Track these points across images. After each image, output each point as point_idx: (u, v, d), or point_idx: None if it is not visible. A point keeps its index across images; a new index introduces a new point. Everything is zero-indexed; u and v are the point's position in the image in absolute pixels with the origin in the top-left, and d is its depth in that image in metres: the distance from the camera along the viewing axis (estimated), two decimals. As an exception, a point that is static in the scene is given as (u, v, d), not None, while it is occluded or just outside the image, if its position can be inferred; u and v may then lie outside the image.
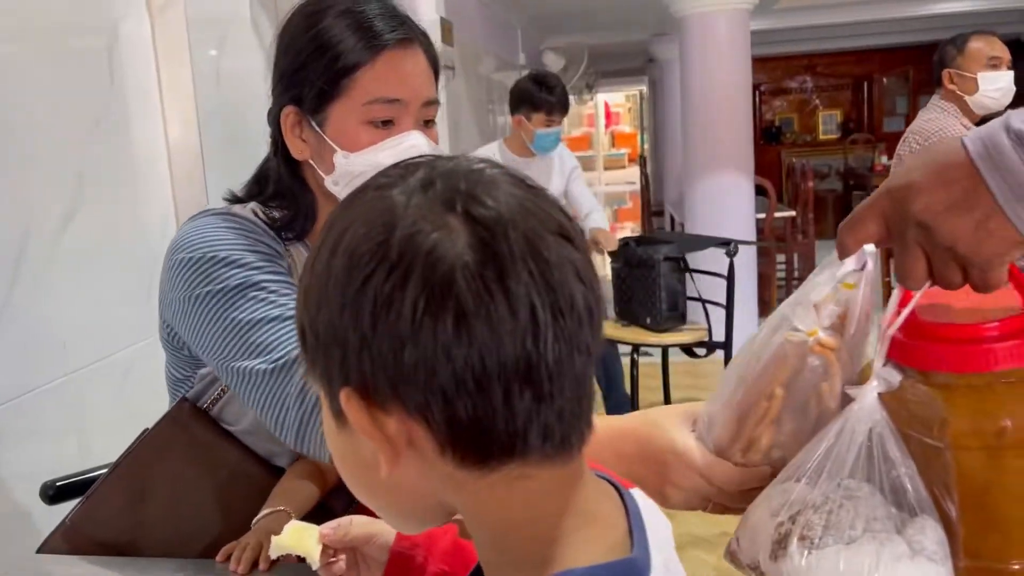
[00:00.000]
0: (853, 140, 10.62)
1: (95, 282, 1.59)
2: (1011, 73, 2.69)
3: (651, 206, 7.98)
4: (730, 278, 3.01)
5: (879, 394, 0.70)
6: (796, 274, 6.19)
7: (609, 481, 0.56)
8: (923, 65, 11.45)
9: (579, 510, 0.49)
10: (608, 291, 3.37)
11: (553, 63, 6.50)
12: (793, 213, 6.02)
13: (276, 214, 1.08)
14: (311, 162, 1.05)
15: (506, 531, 0.49)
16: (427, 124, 1.07)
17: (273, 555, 0.80)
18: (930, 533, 0.68)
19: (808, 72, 11.73)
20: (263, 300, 0.95)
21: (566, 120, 3.52)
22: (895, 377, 0.69)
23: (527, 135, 3.32)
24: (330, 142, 1.02)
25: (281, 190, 1.08)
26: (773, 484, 0.73)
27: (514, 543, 0.49)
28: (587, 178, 4.29)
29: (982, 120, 2.81)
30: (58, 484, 1.25)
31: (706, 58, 4.90)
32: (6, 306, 1.37)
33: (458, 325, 0.42)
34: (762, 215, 5.49)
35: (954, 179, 0.58)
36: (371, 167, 1.00)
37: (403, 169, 0.48)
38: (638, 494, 0.57)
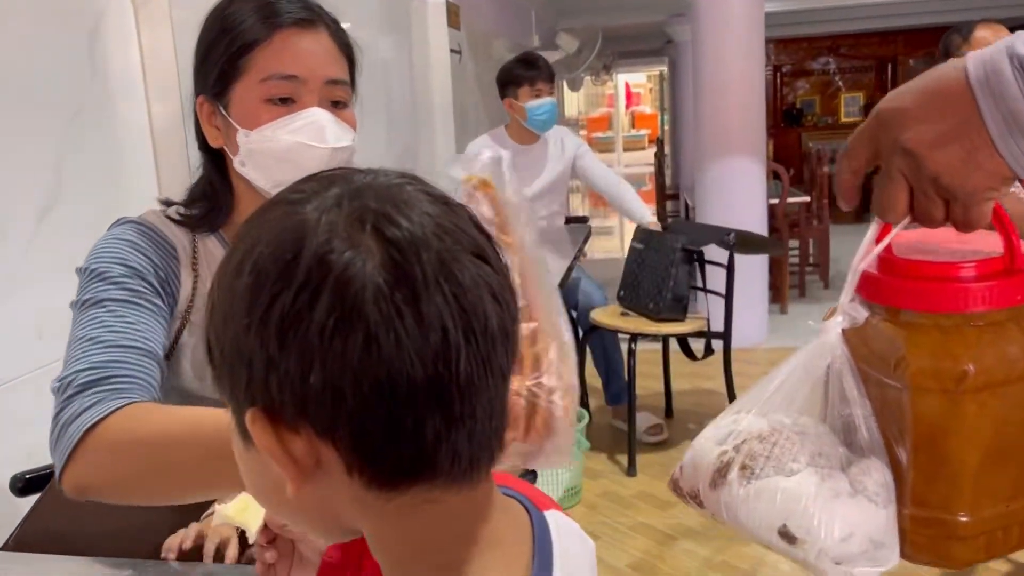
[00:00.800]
0: (875, 123, 10.45)
1: (72, 273, 1.59)
2: (1018, 62, 2.61)
3: (665, 190, 7.91)
4: (729, 268, 2.97)
5: (843, 330, 0.68)
6: (811, 260, 6.12)
7: (521, 502, 0.55)
8: (949, 47, 11.24)
9: (483, 535, 0.48)
10: (619, 269, 3.33)
11: (567, 44, 6.44)
12: (807, 198, 5.94)
13: (194, 211, 1.10)
14: (226, 149, 1.07)
15: (410, 556, 0.48)
16: (336, 105, 1.07)
17: (216, 522, 0.79)
18: (875, 475, 0.67)
19: (831, 53, 11.54)
20: (94, 319, 0.96)
21: (584, 100, 3.47)
22: (861, 313, 0.68)
23: (520, 115, 3.30)
24: (234, 123, 1.04)
25: (203, 186, 1.12)
26: (724, 414, 0.72)
27: (416, 569, 0.48)
28: (605, 160, 4.24)
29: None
30: (27, 476, 1.26)
31: (719, 40, 4.82)
32: (-21, 297, 1.37)
33: (367, 347, 0.41)
34: (775, 200, 5.43)
35: (948, 107, 0.57)
36: (270, 144, 1.03)
37: (317, 183, 0.47)
38: (554, 517, 0.56)
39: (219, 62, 1.04)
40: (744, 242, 3.05)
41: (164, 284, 1.05)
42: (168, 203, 1.15)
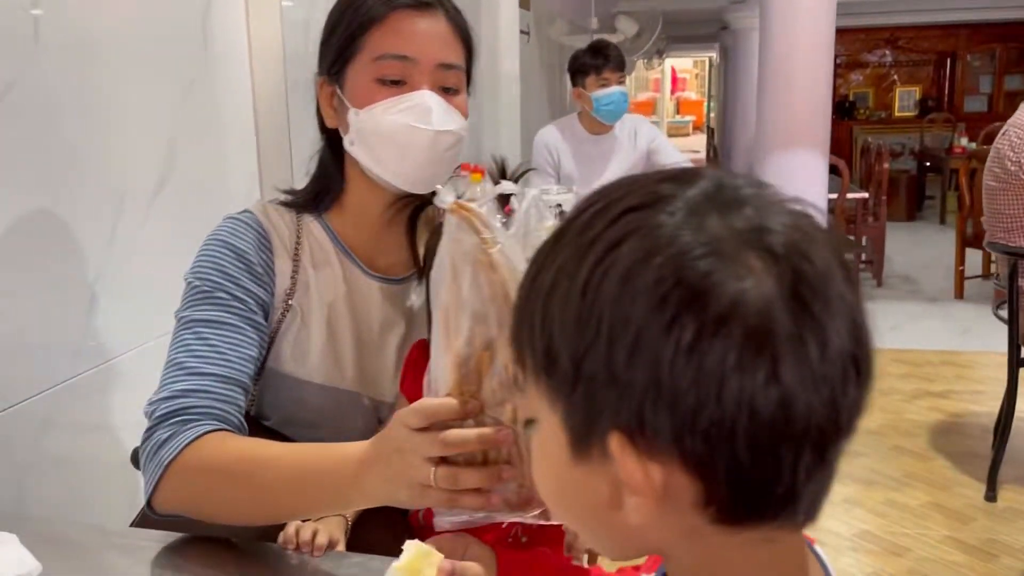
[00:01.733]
0: (931, 119, 10.24)
1: (184, 248, 1.61)
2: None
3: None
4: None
5: None
6: (863, 257, 6.04)
7: None
8: (1012, 43, 10.98)
9: (799, 572, 0.48)
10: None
11: (626, 27, 6.36)
12: (866, 195, 5.84)
13: (302, 192, 1.15)
14: (340, 129, 1.09)
15: None
16: (448, 91, 1.06)
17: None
18: None
19: (888, 45, 11.31)
20: (182, 343, 1.02)
21: (631, 84, 3.42)
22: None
23: (588, 105, 3.27)
24: (346, 102, 1.06)
25: (317, 168, 1.15)
26: None
27: None
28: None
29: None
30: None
31: (788, 28, 4.73)
32: (104, 269, 1.39)
33: (768, 383, 0.40)
34: (834, 195, 5.35)
35: None
36: (377, 123, 1.04)
37: (674, 185, 0.45)
38: (819, 550, 0.55)
39: (338, 41, 1.06)
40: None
41: (259, 279, 1.07)
42: (288, 193, 1.16)
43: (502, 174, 1.09)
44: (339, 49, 1.06)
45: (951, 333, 4.63)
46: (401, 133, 1.03)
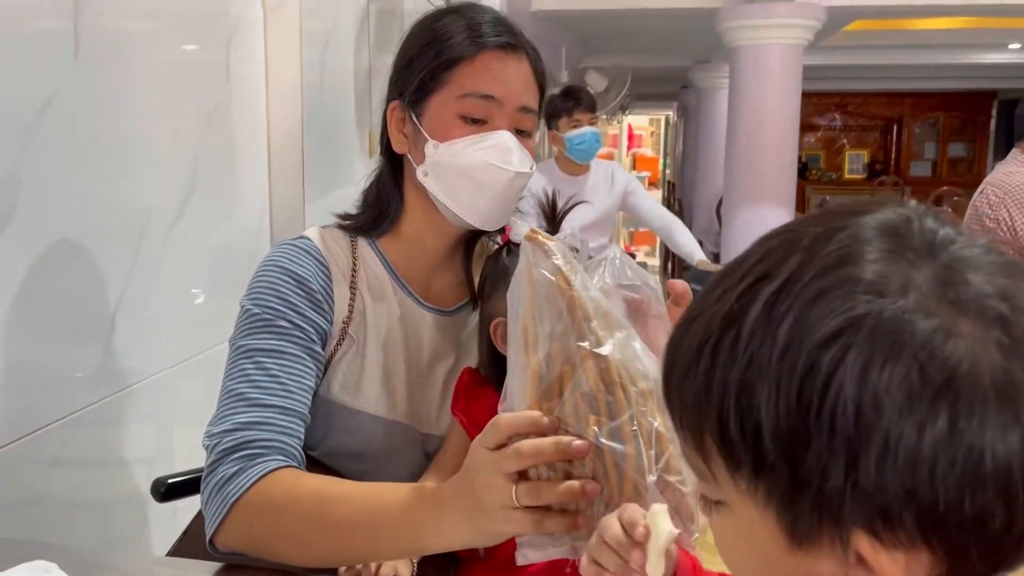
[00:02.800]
0: (881, 182, 10.62)
1: (199, 274, 1.57)
2: (1098, 134, 2.68)
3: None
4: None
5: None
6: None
7: None
8: (954, 112, 11.49)
9: None
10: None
11: (596, 83, 6.51)
12: (826, 251, 5.99)
13: (359, 215, 1.13)
14: (409, 156, 1.09)
15: None
16: (521, 134, 1.07)
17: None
18: None
19: (838, 110, 11.75)
20: (241, 372, 1.00)
21: None
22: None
23: (561, 146, 3.33)
24: (424, 132, 1.06)
25: (374, 191, 1.14)
26: None
27: None
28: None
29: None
30: (169, 482, 1.23)
31: (756, 90, 4.90)
32: (125, 291, 1.35)
33: (1022, 441, 0.40)
34: (797, 251, 5.48)
35: None
36: (458, 158, 1.04)
37: (879, 252, 0.43)
38: None
39: (421, 71, 1.06)
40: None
41: (319, 307, 1.06)
42: (343, 216, 1.15)
43: (552, 209, 1.10)
44: (422, 79, 1.06)
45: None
46: (481, 171, 1.04)
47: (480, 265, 1.14)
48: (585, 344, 0.78)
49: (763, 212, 4.90)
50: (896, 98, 11.37)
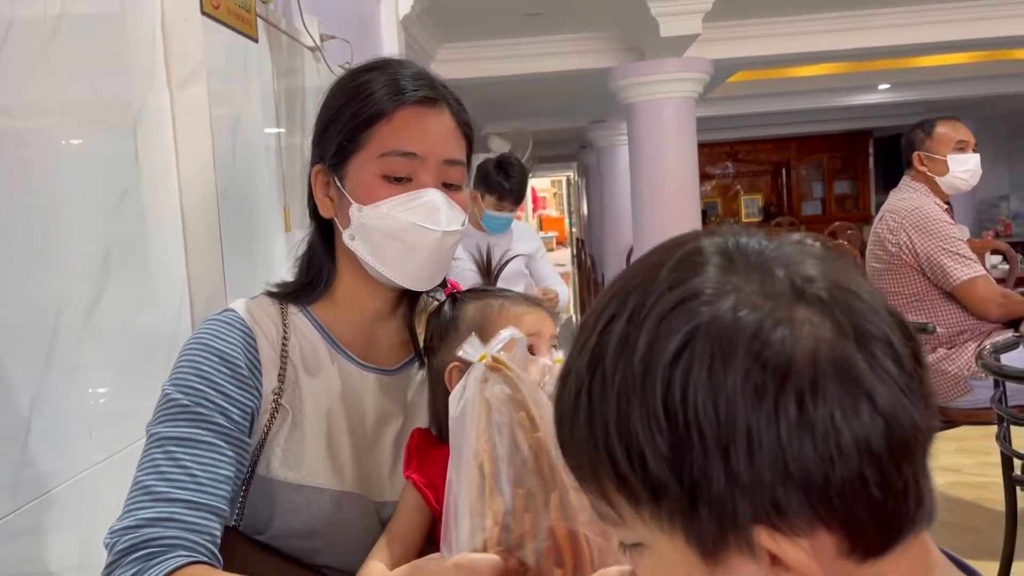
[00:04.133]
0: (777, 223, 11.07)
1: (118, 366, 1.49)
2: (978, 156, 2.88)
3: (598, 286, 8.09)
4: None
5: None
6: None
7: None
8: (836, 153, 12.16)
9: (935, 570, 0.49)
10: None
11: (498, 147, 6.62)
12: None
13: (292, 282, 1.11)
14: (336, 220, 1.06)
15: None
16: (450, 188, 1.05)
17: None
18: None
19: (730, 158, 12.27)
20: (152, 463, 0.95)
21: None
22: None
23: (479, 212, 3.38)
24: (348, 195, 1.03)
25: (306, 257, 1.11)
26: None
27: None
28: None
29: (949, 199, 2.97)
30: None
31: (655, 143, 5.07)
32: (40, 392, 1.27)
33: (873, 417, 0.42)
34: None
35: None
36: (384, 221, 1.01)
37: (699, 273, 0.46)
38: None
39: (340, 133, 1.03)
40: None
41: (244, 383, 1.01)
42: (274, 285, 1.12)
43: (487, 266, 1.09)
44: (341, 141, 1.03)
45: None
46: (408, 232, 1.01)
47: (423, 320, 1.12)
48: (554, 495, 0.76)
49: (673, 259, 5.02)
50: (782, 143, 11.97)
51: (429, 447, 1.01)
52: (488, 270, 1.10)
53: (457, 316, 1.01)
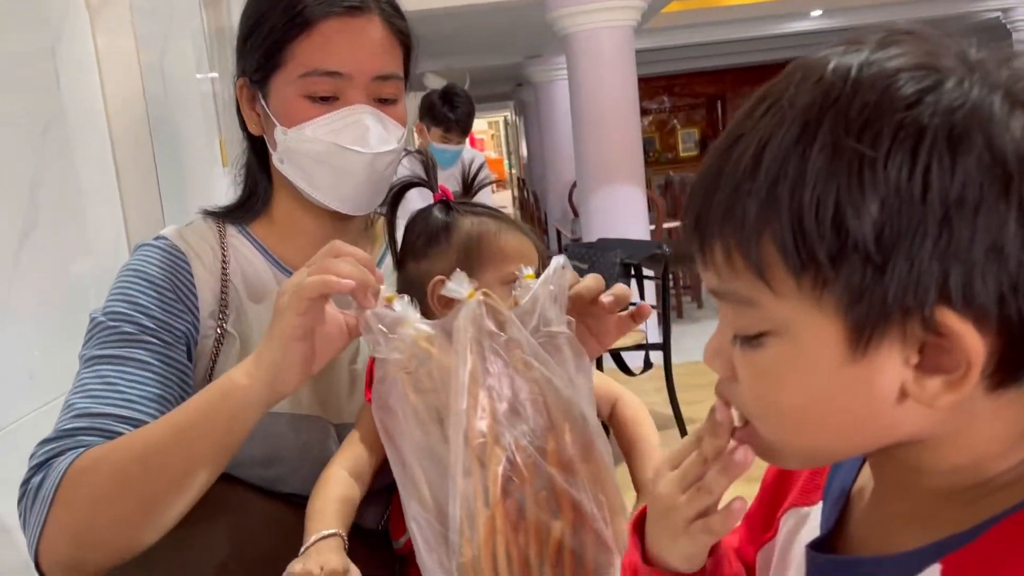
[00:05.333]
0: (714, 155, 11.17)
1: (54, 305, 1.41)
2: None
3: (542, 224, 8.07)
4: (664, 280, 3.05)
5: None
6: (682, 283, 6.40)
7: None
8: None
9: None
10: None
11: (434, 86, 6.48)
12: (678, 223, 6.24)
13: (230, 201, 1.05)
14: (267, 143, 0.99)
15: (983, 458, 0.45)
16: (384, 102, 0.97)
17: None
18: None
19: (666, 92, 12.27)
20: (80, 384, 0.90)
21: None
22: None
23: (425, 144, 3.31)
24: (272, 117, 0.96)
25: (243, 175, 1.05)
26: None
27: (989, 468, 0.45)
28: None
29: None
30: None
31: (594, 74, 5.00)
32: (-27, 333, 1.19)
33: None
34: (653, 226, 5.65)
35: None
36: (309, 145, 0.94)
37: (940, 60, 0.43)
38: None
39: (259, 48, 0.95)
40: (677, 254, 3.15)
41: (175, 308, 0.95)
42: (208, 207, 1.06)
43: (466, 183, 1.03)
44: (261, 57, 0.95)
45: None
46: (336, 156, 0.94)
47: (373, 238, 1.07)
48: (551, 440, 0.73)
49: (616, 193, 5.01)
50: (717, 75, 11.99)
51: None
52: (468, 185, 1.04)
53: (451, 225, 0.95)
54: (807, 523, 0.55)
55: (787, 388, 0.45)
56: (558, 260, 0.82)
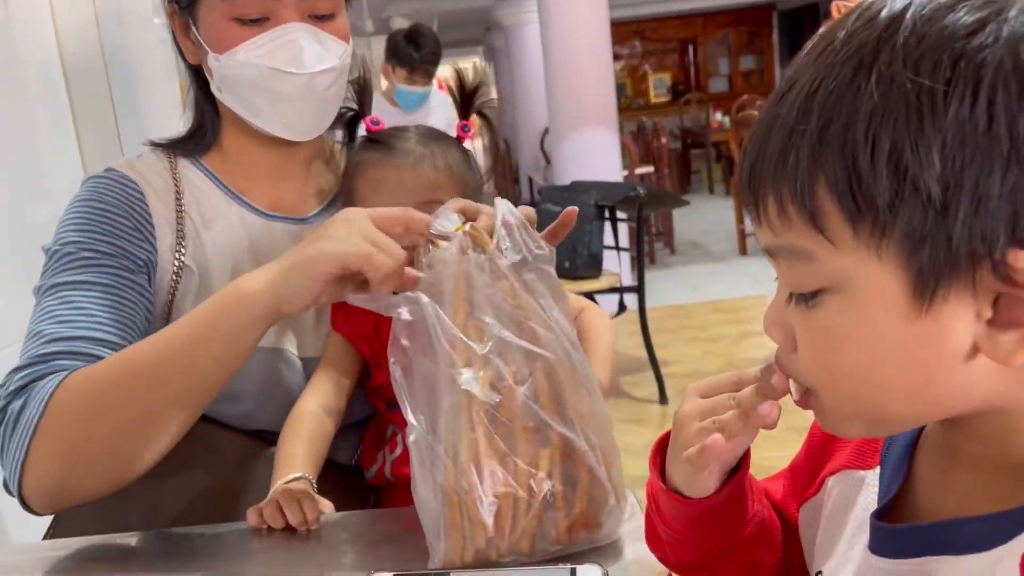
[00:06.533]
0: (687, 101, 11.07)
1: (10, 252, 1.36)
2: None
3: (514, 172, 7.99)
4: (639, 223, 3.03)
5: None
6: (655, 229, 6.40)
7: None
8: (741, 27, 12.15)
9: None
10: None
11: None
12: (651, 169, 6.23)
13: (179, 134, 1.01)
14: (204, 71, 0.95)
15: None
16: (321, 19, 0.93)
17: None
18: None
19: (637, 37, 12.12)
20: (44, 311, 0.87)
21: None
22: None
23: (391, 87, 3.24)
24: (204, 44, 0.92)
25: (191, 107, 1.01)
26: None
27: None
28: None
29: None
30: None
31: (567, 15, 4.91)
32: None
33: None
34: (625, 172, 5.62)
35: None
36: (242, 70, 0.91)
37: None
38: None
39: None
40: (652, 198, 3.12)
41: (132, 236, 0.92)
42: (157, 140, 1.02)
43: (461, 87, 1.00)
44: None
45: (747, 282, 5.00)
46: (271, 80, 0.90)
47: (333, 166, 1.04)
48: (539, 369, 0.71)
49: (589, 138, 4.96)
50: (688, 19, 11.87)
51: None
52: (466, 99, 1.01)
53: (359, 162, 0.95)
54: (863, 488, 0.52)
55: (848, 349, 0.42)
56: (500, 202, 0.79)
